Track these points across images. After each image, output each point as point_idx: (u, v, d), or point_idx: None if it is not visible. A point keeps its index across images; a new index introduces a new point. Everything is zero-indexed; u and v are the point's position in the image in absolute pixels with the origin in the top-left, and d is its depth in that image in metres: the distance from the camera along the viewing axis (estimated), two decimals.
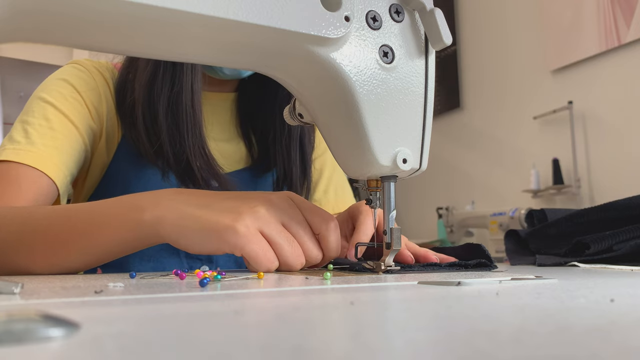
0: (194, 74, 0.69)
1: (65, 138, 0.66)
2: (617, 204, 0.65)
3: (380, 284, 0.35)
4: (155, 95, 0.69)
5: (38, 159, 0.63)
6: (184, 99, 0.69)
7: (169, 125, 0.69)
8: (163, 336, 0.16)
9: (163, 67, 0.69)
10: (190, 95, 0.69)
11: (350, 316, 0.20)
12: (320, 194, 0.86)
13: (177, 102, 0.69)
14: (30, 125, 0.65)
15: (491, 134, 2.75)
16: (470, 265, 0.50)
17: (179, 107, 0.69)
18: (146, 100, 0.69)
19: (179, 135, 0.69)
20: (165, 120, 0.69)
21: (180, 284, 0.35)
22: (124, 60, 0.74)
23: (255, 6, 0.36)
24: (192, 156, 0.69)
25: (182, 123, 0.69)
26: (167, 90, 0.69)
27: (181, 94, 0.69)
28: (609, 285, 0.33)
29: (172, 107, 0.69)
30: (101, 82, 0.73)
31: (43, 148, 0.64)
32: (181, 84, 0.69)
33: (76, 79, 0.71)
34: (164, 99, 0.68)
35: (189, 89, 0.69)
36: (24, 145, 0.63)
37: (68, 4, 0.32)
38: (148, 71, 0.69)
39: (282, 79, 0.45)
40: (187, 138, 0.69)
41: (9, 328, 0.14)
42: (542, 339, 0.15)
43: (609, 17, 2.14)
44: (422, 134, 0.46)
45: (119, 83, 0.73)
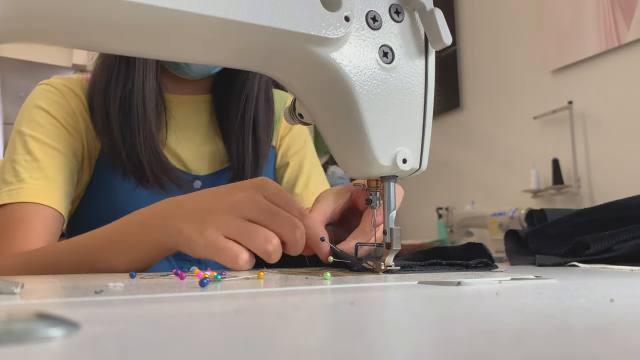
0: (145, 73, 0.71)
1: (52, 165, 0.68)
2: (617, 204, 0.65)
3: (380, 284, 0.35)
4: (110, 95, 0.71)
5: (33, 193, 0.65)
6: (135, 97, 0.71)
7: (121, 123, 0.71)
8: (163, 336, 0.16)
9: (117, 68, 0.71)
10: (142, 92, 0.71)
11: (350, 316, 0.20)
12: (301, 187, 0.87)
13: (130, 100, 0.71)
14: (17, 163, 0.68)
15: (491, 134, 2.75)
16: (471, 265, 0.50)
17: (131, 105, 0.71)
18: (102, 102, 0.71)
19: (130, 133, 0.71)
20: (117, 118, 0.71)
21: (180, 284, 0.35)
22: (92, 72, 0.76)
23: (255, 6, 0.36)
24: (143, 154, 0.71)
25: (132, 121, 0.71)
26: (119, 90, 0.71)
27: (132, 92, 0.71)
28: (609, 285, 0.33)
29: (123, 105, 0.71)
30: (73, 100, 0.74)
31: (34, 182, 0.66)
32: (132, 83, 0.71)
33: (49, 102, 0.72)
34: (117, 98, 0.71)
35: (140, 86, 0.71)
36: (16, 185, 0.66)
37: (68, 5, 0.32)
38: (104, 74, 0.72)
39: (282, 79, 0.45)
40: (137, 136, 0.71)
41: (9, 328, 0.14)
42: (542, 339, 0.15)
43: (609, 17, 2.14)
44: (422, 134, 0.46)
45: (88, 93, 0.75)
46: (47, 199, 0.66)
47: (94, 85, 0.74)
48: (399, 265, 0.48)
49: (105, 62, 0.73)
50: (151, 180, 0.72)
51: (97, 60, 0.76)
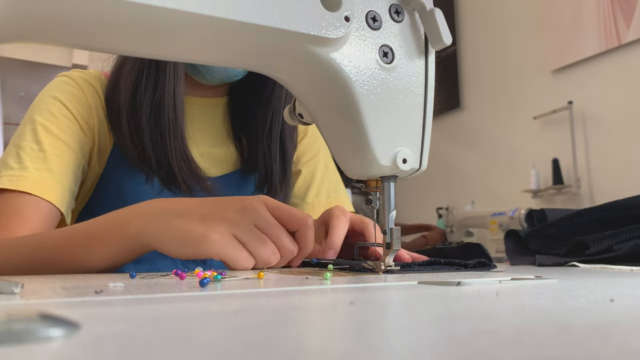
0: (176, 79, 0.71)
1: (58, 158, 0.67)
2: (617, 204, 0.65)
3: (380, 284, 0.35)
4: (138, 100, 0.70)
5: (34, 184, 0.64)
6: (166, 104, 0.70)
7: (152, 129, 0.70)
8: (163, 336, 0.16)
9: (146, 73, 0.70)
10: (173, 99, 0.70)
11: (350, 316, 0.20)
12: (312, 197, 0.87)
13: (160, 106, 0.70)
14: (23, 150, 0.67)
15: (491, 133, 2.75)
16: (470, 265, 0.50)
17: (162, 112, 0.70)
18: (130, 106, 0.70)
19: (160, 140, 0.70)
20: (147, 124, 0.70)
21: (180, 284, 0.35)
22: (112, 68, 0.75)
23: (255, 6, 0.36)
24: (174, 160, 0.70)
25: (164, 127, 0.70)
26: (149, 95, 0.70)
27: (163, 98, 0.70)
28: (609, 285, 0.33)
29: (154, 111, 0.70)
30: (90, 94, 0.73)
31: (36, 172, 0.65)
32: (163, 89, 0.70)
33: (65, 94, 0.72)
34: (146, 103, 0.70)
35: (171, 93, 0.70)
36: (17, 171, 0.65)
37: (68, 4, 0.32)
38: (132, 77, 0.71)
39: (282, 79, 0.45)
40: (168, 142, 0.70)
41: (9, 328, 0.14)
42: (542, 339, 0.15)
43: (609, 17, 2.14)
44: (422, 134, 0.46)
45: (107, 91, 0.74)
46: (47, 193, 0.65)
47: (115, 85, 0.73)
48: (398, 265, 0.48)
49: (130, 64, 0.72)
50: (182, 187, 0.71)
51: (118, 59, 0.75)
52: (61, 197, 0.67)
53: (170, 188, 0.72)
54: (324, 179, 0.88)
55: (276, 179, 0.79)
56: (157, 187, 0.72)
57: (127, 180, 0.73)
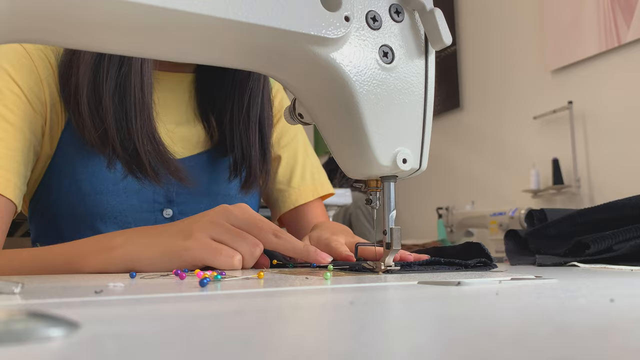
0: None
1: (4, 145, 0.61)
2: (616, 204, 0.65)
3: (380, 284, 0.35)
4: (101, 76, 0.64)
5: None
6: (132, 81, 0.65)
7: (116, 109, 0.64)
8: (163, 336, 0.16)
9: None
10: (140, 76, 0.65)
11: (350, 316, 0.20)
12: (297, 180, 0.85)
13: (125, 84, 0.64)
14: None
15: (491, 134, 2.75)
16: (470, 264, 0.50)
17: (127, 89, 0.64)
18: (91, 82, 0.64)
19: (125, 120, 0.65)
20: (111, 103, 0.64)
21: (180, 284, 0.35)
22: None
23: (255, 6, 0.36)
24: (140, 142, 0.65)
25: (129, 106, 0.64)
26: (114, 72, 0.64)
27: (129, 75, 0.64)
28: (609, 285, 0.33)
29: (119, 89, 0.64)
30: (43, 65, 0.66)
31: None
32: (130, 65, 0.64)
33: (14, 64, 0.64)
34: (110, 80, 0.64)
35: (138, 69, 0.65)
36: None
37: (68, 4, 0.32)
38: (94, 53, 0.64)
39: (282, 79, 0.45)
40: (134, 122, 0.65)
41: (9, 328, 0.14)
42: (542, 339, 0.15)
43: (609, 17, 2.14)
44: (422, 134, 0.46)
45: (62, 64, 0.66)
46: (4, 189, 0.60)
47: (71, 58, 0.66)
48: (398, 264, 0.48)
49: None
50: (148, 171, 0.66)
51: None
52: (13, 188, 0.61)
53: (135, 173, 0.67)
54: (306, 162, 0.87)
55: (255, 164, 0.76)
56: (119, 172, 0.67)
57: (82, 163, 0.67)
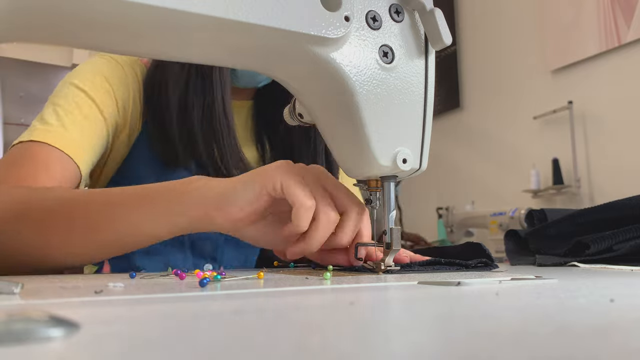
0: (223, 85, 0.72)
1: (93, 127, 0.67)
2: (616, 204, 0.65)
3: (380, 284, 0.35)
4: (188, 104, 0.71)
5: (68, 143, 0.63)
6: (217, 110, 0.71)
7: (205, 134, 0.71)
8: (163, 336, 0.16)
9: (194, 77, 0.71)
10: (222, 106, 0.71)
11: (350, 316, 0.20)
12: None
13: (211, 112, 0.71)
14: (62, 108, 0.66)
15: (491, 134, 2.75)
16: (471, 265, 0.50)
17: (213, 117, 0.71)
18: (179, 109, 0.71)
19: (215, 144, 0.71)
20: (200, 129, 0.71)
21: (180, 284, 0.35)
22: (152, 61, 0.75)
23: (255, 6, 0.36)
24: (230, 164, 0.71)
25: (217, 133, 0.71)
26: (200, 101, 0.71)
27: (214, 105, 0.71)
28: (609, 285, 0.33)
29: (206, 117, 0.71)
30: (132, 77, 0.74)
31: (74, 133, 0.65)
32: (212, 95, 0.71)
33: (109, 69, 0.72)
34: (197, 108, 0.71)
35: (220, 100, 0.71)
36: (55, 128, 0.64)
37: (68, 4, 0.32)
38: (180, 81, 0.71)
39: (282, 79, 0.45)
40: (223, 146, 0.71)
41: (9, 328, 0.14)
42: (542, 339, 0.15)
43: (609, 17, 2.14)
44: (422, 134, 0.46)
45: (148, 79, 0.74)
46: (78, 156, 0.64)
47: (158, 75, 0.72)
48: (398, 265, 0.48)
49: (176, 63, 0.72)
50: None
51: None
52: (86, 165, 0.66)
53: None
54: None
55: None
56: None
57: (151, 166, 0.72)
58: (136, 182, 0.69)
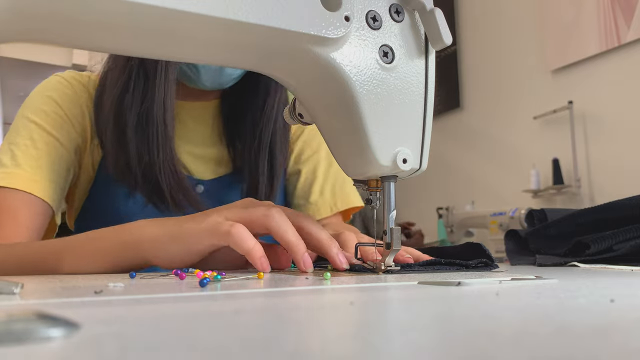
0: (166, 89, 0.68)
1: (49, 156, 0.67)
2: (616, 204, 0.65)
3: (380, 284, 0.35)
4: (124, 109, 0.68)
5: (26, 182, 0.64)
6: (155, 115, 0.67)
7: (138, 140, 0.68)
8: (163, 336, 0.16)
9: (135, 81, 0.68)
10: (162, 111, 0.68)
11: (350, 316, 0.20)
12: (316, 196, 0.84)
13: (148, 117, 0.68)
14: (17, 147, 0.67)
15: (491, 134, 2.75)
16: (471, 265, 0.49)
17: (149, 123, 0.67)
18: (116, 115, 0.68)
19: (148, 152, 0.68)
20: (134, 135, 0.68)
21: (180, 284, 0.35)
22: (101, 73, 0.73)
23: (255, 6, 0.36)
24: (162, 174, 0.68)
25: (152, 139, 0.68)
26: (137, 105, 0.68)
27: (152, 109, 0.67)
28: (609, 285, 0.33)
29: (141, 122, 0.68)
30: (84, 96, 0.73)
31: (29, 170, 0.65)
32: (153, 99, 0.67)
33: (59, 94, 0.71)
34: (133, 113, 0.67)
35: (160, 104, 0.68)
36: (11, 169, 0.65)
37: (68, 4, 0.32)
38: (119, 84, 0.68)
39: (282, 78, 0.45)
40: (156, 155, 0.68)
41: (9, 328, 0.14)
42: (542, 340, 0.15)
43: (609, 17, 2.14)
44: (422, 133, 0.46)
45: (96, 99, 0.72)
46: (39, 190, 0.65)
47: (102, 92, 0.71)
48: (399, 265, 0.48)
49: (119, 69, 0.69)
50: (168, 201, 0.69)
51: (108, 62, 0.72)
52: (52, 194, 0.67)
53: (155, 203, 0.70)
54: (328, 176, 0.85)
55: (262, 191, 0.76)
56: (140, 202, 0.70)
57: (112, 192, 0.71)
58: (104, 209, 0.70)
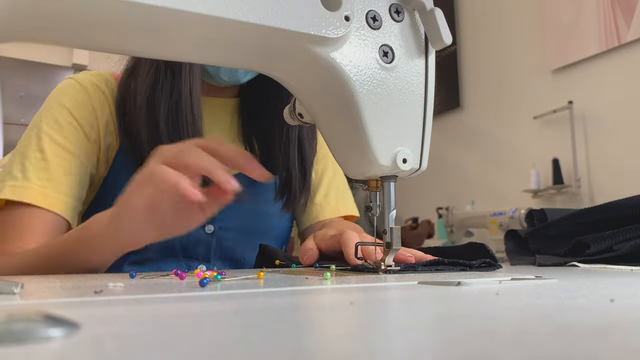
0: (192, 81, 0.70)
1: (61, 167, 0.68)
2: (616, 204, 0.65)
3: (380, 284, 0.35)
4: (155, 104, 0.70)
5: (37, 196, 0.65)
6: (183, 107, 0.70)
7: (170, 132, 0.70)
8: (163, 336, 0.16)
9: (163, 76, 0.70)
10: (190, 102, 0.70)
11: (350, 316, 0.20)
12: (320, 197, 0.86)
13: (177, 109, 0.70)
14: (27, 159, 0.68)
15: (491, 134, 2.75)
16: (474, 265, 0.49)
17: (179, 114, 0.70)
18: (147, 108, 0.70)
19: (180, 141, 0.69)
20: (166, 127, 0.70)
21: (180, 284, 0.35)
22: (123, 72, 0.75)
23: (255, 6, 0.36)
24: None
25: (182, 130, 0.70)
26: (166, 99, 0.70)
27: (180, 101, 0.70)
28: (609, 285, 0.33)
29: (172, 114, 0.70)
30: (97, 97, 0.74)
31: (39, 183, 0.66)
32: (179, 92, 0.70)
33: (72, 100, 0.72)
34: (164, 107, 0.70)
35: (187, 96, 0.70)
36: (20, 182, 0.66)
37: (68, 4, 0.32)
38: (148, 80, 0.70)
39: (282, 78, 0.45)
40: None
41: (9, 328, 0.14)
42: (542, 339, 0.15)
43: (609, 17, 2.14)
44: (422, 133, 0.46)
45: (119, 94, 0.74)
46: (50, 204, 0.66)
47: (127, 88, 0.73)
48: (402, 266, 0.47)
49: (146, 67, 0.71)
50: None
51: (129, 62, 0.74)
52: (65, 206, 0.67)
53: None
54: (333, 181, 0.88)
55: (296, 183, 0.78)
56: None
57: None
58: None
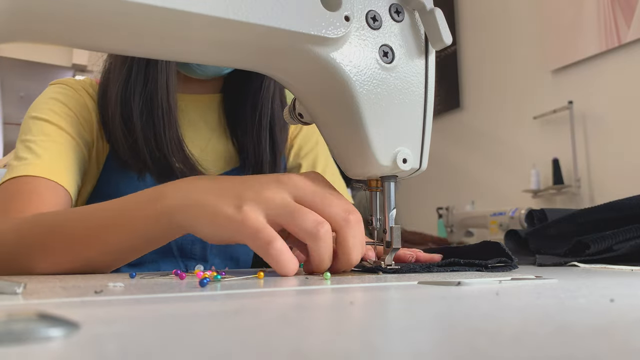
0: (168, 72, 0.69)
1: (66, 149, 0.68)
2: (616, 204, 0.65)
3: (380, 284, 0.35)
4: (129, 93, 0.69)
5: (49, 171, 0.64)
6: (158, 97, 0.69)
7: (144, 123, 0.69)
8: (163, 336, 0.16)
9: (136, 67, 0.69)
10: (166, 92, 0.69)
11: (350, 316, 0.20)
12: None
13: (152, 100, 0.69)
14: (32, 142, 0.67)
15: (491, 134, 2.75)
16: (490, 265, 0.47)
17: (154, 105, 0.69)
18: (122, 100, 0.70)
19: (154, 133, 0.69)
20: (139, 118, 0.69)
21: (180, 284, 0.35)
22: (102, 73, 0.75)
23: (255, 6, 0.36)
24: (169, 153, 0.69)
25: (158, 120, 0.69)
26: (140, 88, 0.69)
27: (156, 92, 0.69)
28: (609, 285, 0.33)
29: (146, 104, 0.69)
30: (87, 98, 0.74)
31: (50, 159, 0.65)
32: (155, 82, 0.69)
33: (64, 96, 0.72)
34: (136, 98, 0.69)
35: (163, 86, 0.69)
36: (31, 160, 0.64)
37: (68, 4, 0.32)
38: (123, 73, 0.70)
39: (282, 78, 0.45)
40: (163, 135, 0.69)
41: (9, 328, 0.14)
42: (542, 339, 0.15)
43: (609, 17, 2.14)
44: (422, 133, 0.46)
45: (99, 93, 0.74)
46: (63, 179, 0.65)
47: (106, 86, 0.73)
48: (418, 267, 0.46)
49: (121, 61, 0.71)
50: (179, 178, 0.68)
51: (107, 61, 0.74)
52: (74, 185, 0.67)
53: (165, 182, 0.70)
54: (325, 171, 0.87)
55: (266, 169, 0.77)
56: (150, 184, 0.70)
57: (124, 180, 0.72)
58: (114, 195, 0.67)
